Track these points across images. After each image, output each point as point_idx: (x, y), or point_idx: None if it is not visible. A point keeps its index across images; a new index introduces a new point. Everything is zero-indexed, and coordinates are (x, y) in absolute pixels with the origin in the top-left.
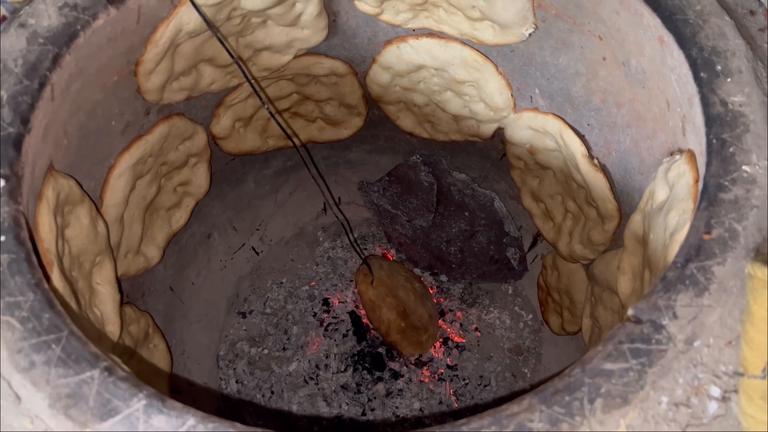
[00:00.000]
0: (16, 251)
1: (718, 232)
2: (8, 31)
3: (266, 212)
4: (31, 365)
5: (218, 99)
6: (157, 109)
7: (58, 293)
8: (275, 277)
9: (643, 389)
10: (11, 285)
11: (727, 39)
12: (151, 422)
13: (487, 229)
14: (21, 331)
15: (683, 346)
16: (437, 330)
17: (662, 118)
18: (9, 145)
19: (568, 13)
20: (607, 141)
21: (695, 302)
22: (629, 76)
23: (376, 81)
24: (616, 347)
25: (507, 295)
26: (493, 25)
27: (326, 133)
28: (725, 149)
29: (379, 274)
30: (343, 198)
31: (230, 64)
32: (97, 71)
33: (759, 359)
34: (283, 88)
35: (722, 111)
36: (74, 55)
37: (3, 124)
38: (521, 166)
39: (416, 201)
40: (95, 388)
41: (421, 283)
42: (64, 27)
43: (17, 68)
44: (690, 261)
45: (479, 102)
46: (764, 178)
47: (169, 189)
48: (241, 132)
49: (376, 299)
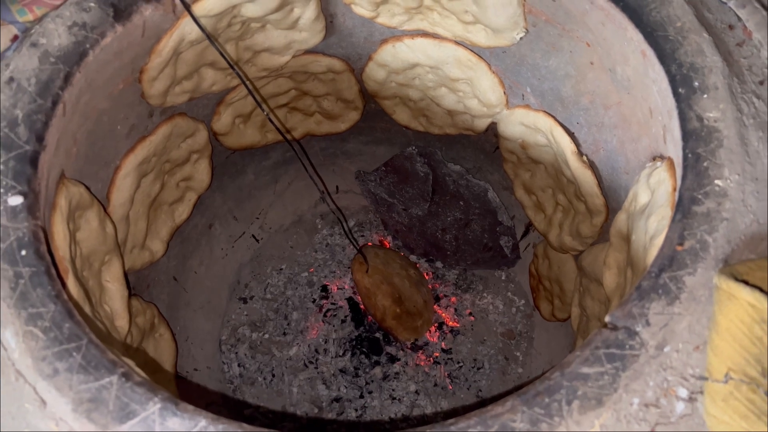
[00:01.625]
0: (37, 265)
1: (690, 243)
2: (21, 51)
3: (266, 201)
4: (54, 372)
5: (219, 97)
6: (160, 111)
7: (73, 299)
8: (275, 264)
9: (616, 392)
10: (33, 297)
11: (705, 56)
12: (166, 424)
13: (481, 218)
14: (44, 340)
15: (654, 351)
16: (432, 315)
17: (646, 124)
18: (26, 162)
19: (558, 20)
20: (595, 139)
21: (667, 310)
22: (615, 81)
23: (373, 77)
24: (592, 352)
25: (500, 281)
26: (485, 29)
27: (324, 126)
28: (699, 163)
29: (374, 263)
30: (341, 187)
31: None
32: (104, 83)
33: (722, 365)
34: (281, 84)
35: (698, 126)
36: (84, 72)
37: (20, 142)
38: (514, 160)
39: (412, 190)
40: (114, 393)
41: (416, 269)
42: (74, 46)
43: (30, 87)
44: (663, 271)
45: (473, 98)
46: (735, 191)
47: (172, 185)
48: (241, 128)
49: (371, 287)
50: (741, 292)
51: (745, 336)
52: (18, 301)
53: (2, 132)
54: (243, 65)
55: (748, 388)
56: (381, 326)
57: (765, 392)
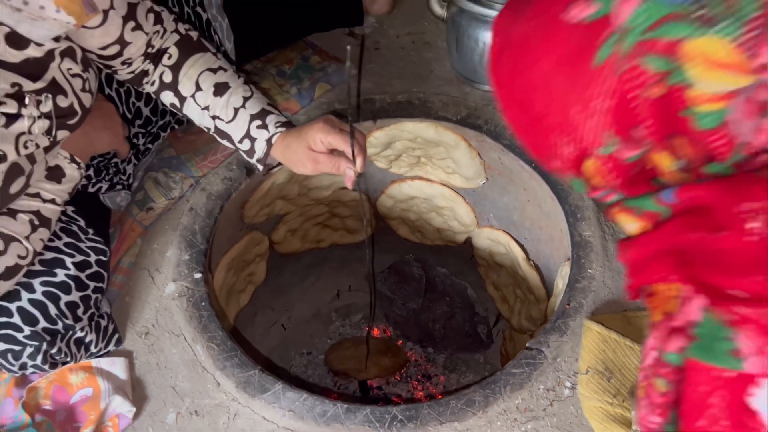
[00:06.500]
0: (210, 310)
1: (573, 304)
2: (195, 192)
3: (294, 297)
4: (224, 367)
5: (280, 217)
6: (246, 227)
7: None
8: (298, 349)
9: (530, 382)
10: (210, 328)
11: (583, 200)
12: (285, 395)
13: (462, 311)
14: (217, 351)
15: (552, 361)
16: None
17: (560, 239)
18: (201, 255)
19: (505, 174)
20: (536, 249)
21: (559, 339)
22: (542, 212)
23: (384, 205)
24: (518, 361)
25: (479, 363)
26: (461, 177)
27: (346, 238)
28: (580, 260)
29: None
30: (353, 286)
31: (293, 197)
32: (234, 210)
33: (585, 365)
34: (321, 209)
35: (579, 240)
36: (228, 204)
37: (198, 243)
38: (485, 264)
39: (409, 288)
40: (257, 378)
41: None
42: (225, 190)
43: (202, 213)
44: (559, 318)
45: (454, 220)
46: (599, 276)
47: (241, 278)
48: (289, 238)
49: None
50: (594, 327)
51: (596, 348)
52: (202, 329)
53: (188, 238)
54: (299, 197)
55: (599, 376)
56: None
57: (607, 378)
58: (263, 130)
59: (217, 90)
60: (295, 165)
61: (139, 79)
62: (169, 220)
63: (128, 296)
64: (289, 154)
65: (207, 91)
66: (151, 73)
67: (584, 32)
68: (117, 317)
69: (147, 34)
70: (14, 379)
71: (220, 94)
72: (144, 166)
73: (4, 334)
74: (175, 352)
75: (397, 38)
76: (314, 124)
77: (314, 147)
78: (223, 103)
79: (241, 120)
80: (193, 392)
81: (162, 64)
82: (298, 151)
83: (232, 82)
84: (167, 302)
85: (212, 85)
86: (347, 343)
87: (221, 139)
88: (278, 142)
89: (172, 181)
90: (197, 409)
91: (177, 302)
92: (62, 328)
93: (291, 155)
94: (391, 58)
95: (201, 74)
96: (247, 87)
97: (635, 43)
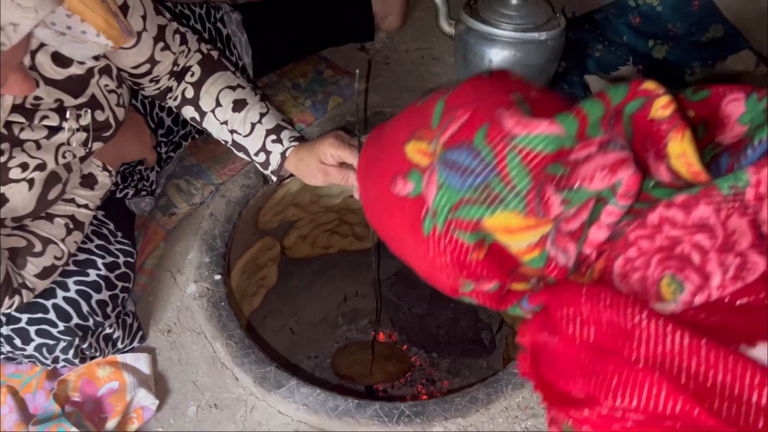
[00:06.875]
0: (228, 310)
1: None
2: (215, 198)
3: (302, 301)
4: (242, 363)
5: (291, 223)
6: (259, 232)
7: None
8: (305, 352)
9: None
10: (229, 327)
11: None
12: (300, 390)
13: (466, 317)
14: (235, 348)
15: None
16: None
17: None
18: (221, 258)
19: None
20: None
21: None
22: None
23: None
24: None
25: (482, 368)
26: None
27: (354, 244)
28: None
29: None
30: (360, 292)
31: (305, 204)
32: (250, 216)
33: None
34: (330, 216)
35: None
36: (246, 210)
37: (218, 247)
38: None
39: (414, 295)
40: (273, 374)
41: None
42: (243, 196)
43: (221, 218)
44: None
45: None
46: None
47: (253, 281)
48: (300, 244)
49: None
50: None
51: None
52: (222, 327)
53: (209, 242)
54: (310, 205)
55: None
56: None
57: None
58: (278, 144)
59: (236, 106)
60: (306, 177)
61: (163, 95)
62: (190, 224)
63: (152, 296)
64: (301, 166)
65: (226, 107)
66: (174, 89)
67: (411, 205)
68: (141, 316)
69: (174, 53)
70: (45, 372)
71: (239, 110)
72: (166, 173)
73: (41, 329)
74: (195, 348)
75: (407, 53)
76: (325, 139)
77: (325, 160)
78: (241, 118)
79: (258, 134)
80: (212, 387)
81: (185, 81)
82: (310, 164)
83: (250, 98)
84: (188, 302)
85: (231, 101)
86: (353, 347)
87: (238, 151)
88: (291, 155)
89: (193, 188)
90: (216, 403)
91: (198, 302)
92: (93, 325)
93: (303, 168)
94: (401, 73)
95: (221, 91)
96: (263, 104)
97: (445, 222)
